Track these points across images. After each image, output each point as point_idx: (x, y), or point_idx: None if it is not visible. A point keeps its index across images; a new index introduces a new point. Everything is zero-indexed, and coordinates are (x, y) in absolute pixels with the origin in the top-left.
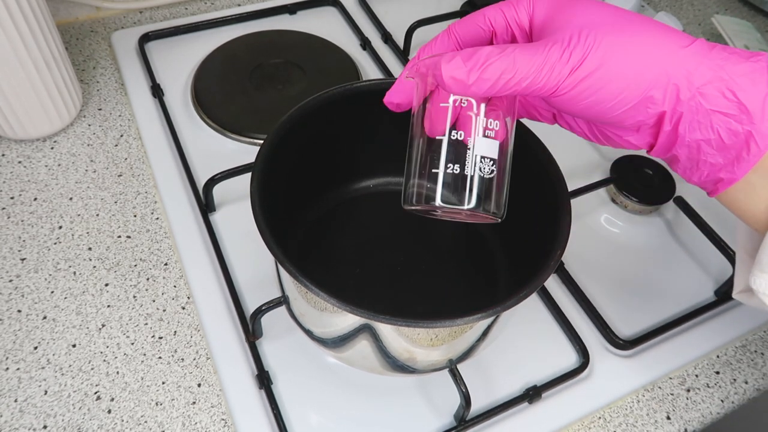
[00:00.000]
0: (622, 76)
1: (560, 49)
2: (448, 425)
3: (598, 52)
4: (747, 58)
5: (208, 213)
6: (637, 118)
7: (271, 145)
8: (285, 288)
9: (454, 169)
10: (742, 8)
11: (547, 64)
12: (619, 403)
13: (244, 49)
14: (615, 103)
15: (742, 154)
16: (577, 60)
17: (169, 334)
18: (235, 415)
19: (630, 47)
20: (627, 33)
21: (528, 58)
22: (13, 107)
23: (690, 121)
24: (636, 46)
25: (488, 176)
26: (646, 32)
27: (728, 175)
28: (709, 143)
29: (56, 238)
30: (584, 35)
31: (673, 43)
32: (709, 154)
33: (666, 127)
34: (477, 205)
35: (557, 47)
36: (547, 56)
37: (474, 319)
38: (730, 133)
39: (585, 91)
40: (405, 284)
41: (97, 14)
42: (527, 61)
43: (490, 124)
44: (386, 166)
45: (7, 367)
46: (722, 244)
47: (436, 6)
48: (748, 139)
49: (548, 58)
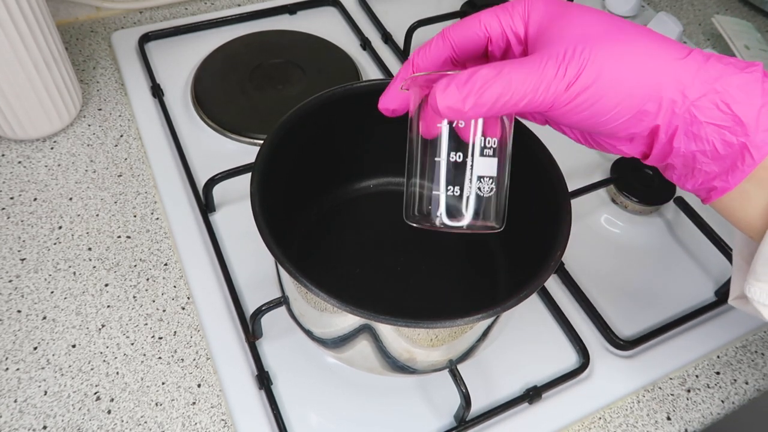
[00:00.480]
0: (617, 90)
1: (555, 65)
2: (448, 425)
3: (594, 66)
4: (742, 69)
5: (208, 213)
6: (631, 130)
7: (271, 145)
8: (285, 288)
9: (454, 191)
10: (742, 8)
11: (543, 82)
12: (620, 403)
13: (244, 49)
14: (610, 116)
15: (737, 164)
16: (572, 75)
17: (169, 335)
18: (235, 415)
19: (625, 60)
20: (622, 45)
21: (524, 78)
22: (13, 107)
23: (685, 132)
24: (631, 59)
25: (487, 194)
26: (641, 44)
27: (722, 184)
28: (704, 153)
29: (56, 238)
30: (579, 49)
31: (668, 56)
32: (704, 163)
33: (661, 139)
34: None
35: (552, 63)
36: (543, 73)
37: (474, 319)
38: (724, 144)
39: (580, 105)
40: (405, 285)
41: (97, 14)
42: (523, 81)
43: (488, 143)
44: (386, 166)
45: (6, 367)
46: (722, 244)
47: (436, 6)
48: (743, 150)
49: (544, 76)
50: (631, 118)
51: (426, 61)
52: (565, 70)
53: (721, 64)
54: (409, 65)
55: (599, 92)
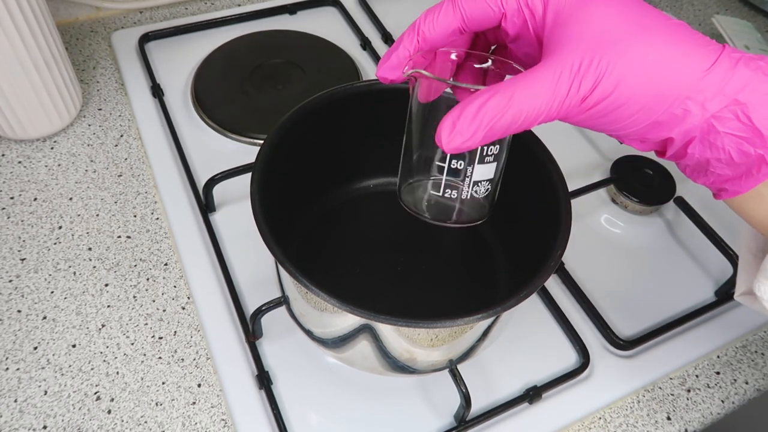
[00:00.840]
0: (634, 102)
1: (569, 79)
2: (448, 425)
3: (611, 77)
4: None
5: (208, 213)
6: (644, 136)
7: (271, 145)
8: (285, 288)
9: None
10: (742, 8)
11: (557, 99)
12: (620, 403)
13: (244, 49)
14: (623, 124)
15: (752, 171)
16: (587, 88)
17: (169, 335)
18: (235, 415)
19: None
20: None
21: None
22: (13, 107)
23: (701, 140)
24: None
25: (482, 195)
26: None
27: (734, 188)
28: (719, 160)
29: (56, 238)
30: (596, 59)
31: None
32: (718, 167)
33: (676, 145)
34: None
35: (566, 77)
36: (557, 90)
37: (474, 319)
38: (741, 154)
39: (594, 115)
40: (405, 284)
41: (97, 14)
42: (536, 103)
43: (490, 151)
44: (386, 166)
45: (7, 367)
46: (722, 244)
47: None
48: (760, 161)
49: (558, 93)
50: (646, 127)
51: (433, 32)
52: (580, 84)
53: (748, 71)
54: (414, 32)
55: (615, 103)
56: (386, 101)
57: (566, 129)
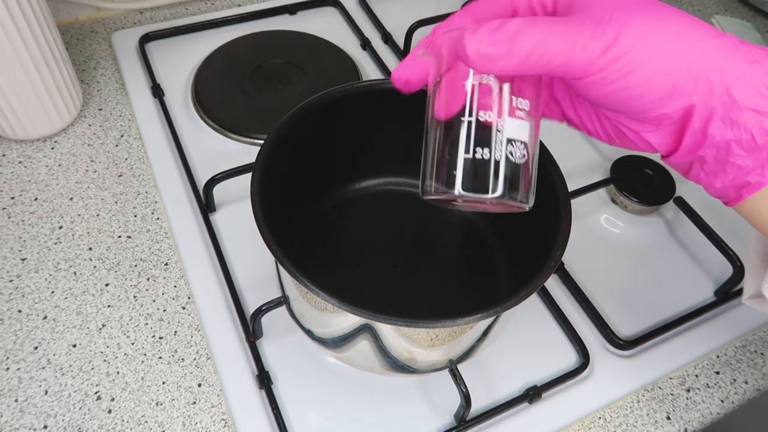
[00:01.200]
0: (653, 61)
1: (593, 25)
2: (448, 425)
3: (631, 32)
4: None
5: (209, 213)
6: (662, 110)
7: (271, 145)
8: (285, 288)
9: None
10: (742, 8)
11: (580, 40)
12: (619, 403)
13: (244, 50)
14: (643, 90)
15: None
16: (610, 38)
17: (169, 334)
18: (235, 415)
19: (662, 33)
20: (659, 18)
21: (561, 33)
22: (14, 107)
23: (722, 118)
24: (669, 32)
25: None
26: (679, 19)
27: (757, 179)
28: (739, 143)
29: (57, 238)
30: (615, 15)
31: (705, 34)
32: (738, 156)
33: (695, 125)
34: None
35: (590, 24)
36: (581, 31)
37: (474, 319)
38: (762, 133)
39: (615, 74)
40: (405, 284)
41: (97, 14)
42: (560, 36)
43: (519, 104)
44: (386, 166)
45: (7, 367)
46: (722, 244)
47: (436, 6)
48: None
49: (582, 34)
50: (665, 96)
51: None
52: (603, 31)
53: (758, 48)
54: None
55: (635, 61)
56: (386, 101)
57: (566, 129)
